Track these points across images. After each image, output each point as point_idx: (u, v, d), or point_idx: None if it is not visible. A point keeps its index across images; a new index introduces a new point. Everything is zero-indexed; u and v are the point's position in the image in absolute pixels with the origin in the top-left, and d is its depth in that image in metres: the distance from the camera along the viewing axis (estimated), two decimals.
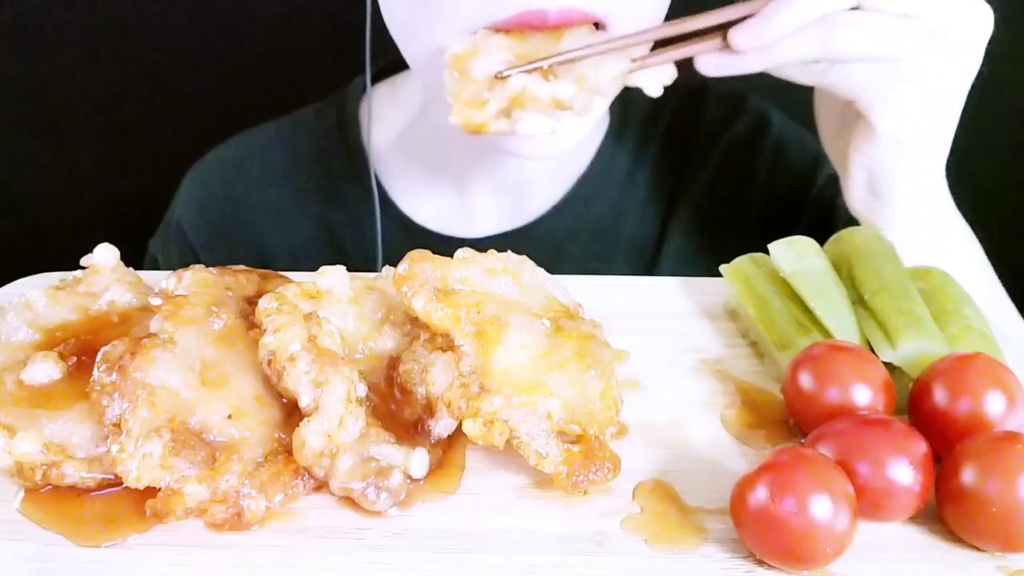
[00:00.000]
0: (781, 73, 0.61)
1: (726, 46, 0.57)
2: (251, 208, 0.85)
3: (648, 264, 0.81)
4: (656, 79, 0.59)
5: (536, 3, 0.57)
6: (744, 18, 0.56)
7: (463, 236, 0.81)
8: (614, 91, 0.58)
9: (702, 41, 0.58)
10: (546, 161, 0.77)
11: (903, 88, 0.59)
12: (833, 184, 0.79)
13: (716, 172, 0.82)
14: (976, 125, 0.66)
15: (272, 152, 0.86)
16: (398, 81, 0.85)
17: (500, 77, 0.56)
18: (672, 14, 0.62)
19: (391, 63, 0.83)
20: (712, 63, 0.58)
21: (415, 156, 0.82)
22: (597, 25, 0.60)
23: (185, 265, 0.85)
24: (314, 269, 0.52)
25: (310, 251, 0.84)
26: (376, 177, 0.81)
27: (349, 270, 0.52)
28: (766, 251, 0.57)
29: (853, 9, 0.56)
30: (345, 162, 0.83)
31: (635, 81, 0.58)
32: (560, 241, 0.81)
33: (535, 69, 0.56)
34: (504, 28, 0.59)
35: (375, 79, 0.85)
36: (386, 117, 0.84)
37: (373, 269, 0.52)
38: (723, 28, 0.57)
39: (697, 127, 0.84)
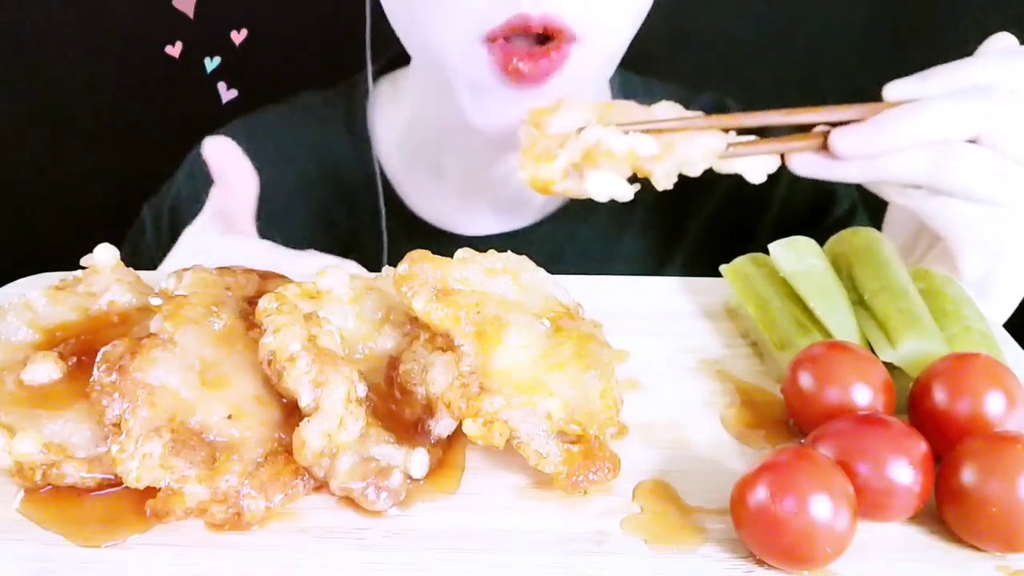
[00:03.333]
0: (875, 188, 0.58)
1: (825, 147, 0.54)
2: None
3: (651, 272, 0.81)
4: (760, 167, 0.56)
5: (520, 8, 0.58)
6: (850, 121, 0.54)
7: (464, 233, 0.81)
8: (703, 167, 0.55)
9: (802, 138, 0.55)
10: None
11: (1000, 236, 0.56)
12: (846, 221, 0.78)
13: (729, 196, 0.81)
14: None
15: (280, 135, 0.86)
16: (398, 77, 0.85)
17: (578, 131, 0.53)
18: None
19: (394, 57, 0.83)
20: (805, 163, 0.56)
21: (416, 155, 0.82)
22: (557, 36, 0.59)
23: (173, 237, 0.85)
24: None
25: (309, 235, 0.84)
26: (381, 168, 0.81)
27: (347, 257, 0.52)
28: (766, 252, 0.57)
29: (970, 142, 0.54)
30: (351, 151, 0.83)
31: (735, 167, 0.55)
32: (560, 247, 0.80)
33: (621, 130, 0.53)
34: (495, 35, 0.59)
35: (380, 73, 0.85)
36: (388, 113, 0.84)
37: (370, 257, 0.52)
38: (827, 128, 0.54)
39: None
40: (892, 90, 0.56)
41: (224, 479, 0.42)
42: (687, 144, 0.54)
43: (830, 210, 0.80)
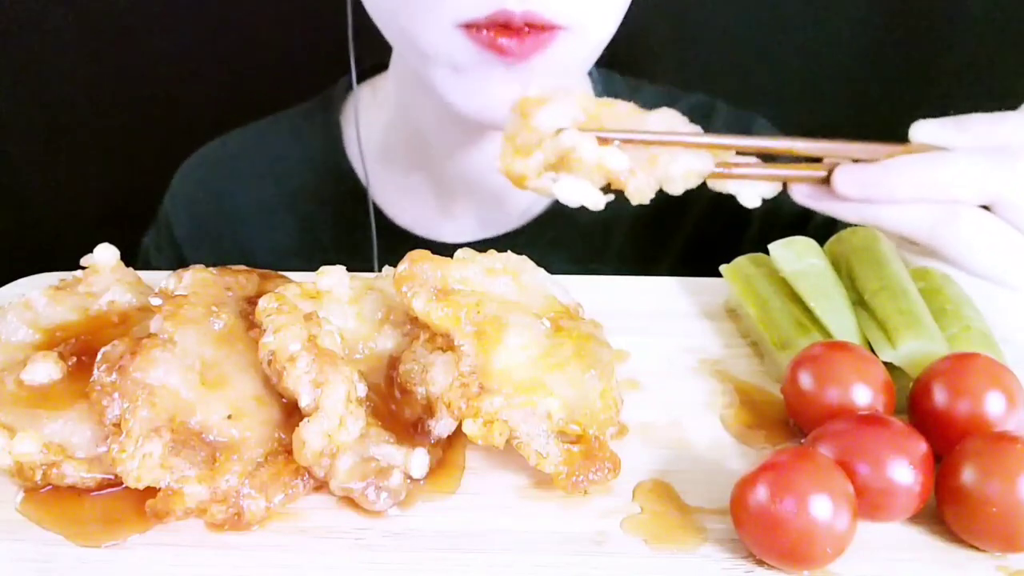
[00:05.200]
0: (874, 230, 0.56)
1: (827, 181, 0.53)
2: (237, 205, 0.85)
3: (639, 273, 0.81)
4: (755, 191, 0.54)
5: (503, 4, 0.57)
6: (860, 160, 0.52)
7: (447, 241, 0.81)
8: (683, 187, 0.53)
9: (807, 167, 0.54)
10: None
11: (1003, 315, 0.52)
12: (829, 226, 0.78)
13: (717, 198, 0.81)
14: None
15: (259, 151, 0.86)
16: (378, 82, 0.85)
17: (557, 132, 0.52)
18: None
19: (379, 64, 0.83)
20: (806, 192, 0.54)
21: (396, 158, 0.82)
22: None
23: (174, 259, 0.86)
24: (296, 268, 0.52)
25: (293, 250, 0.84)
26: (363, 179, 0.81)
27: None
28: (766, 252, 0.57)
29: (984, 208, 0.50)
30: (330, 163, 0.83)
31: (729, 188, 0.54)
32: (544, 252, 0.80)
33: (604, 138, 0.52)
34: (476, 26, 0.59)
35: (363, 78, 0.85)
36: (368, 119, 0.83)
37: (356, 271, 0.52)
38: (837, 161, 0.53)
39: None
40: (919, 131, 0.52)
41: (224, 479, 0.42)
42: (670, 161, 0.52)
43: (812, 215, 0.80)
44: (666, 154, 0.52)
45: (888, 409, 0.45)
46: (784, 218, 0.80)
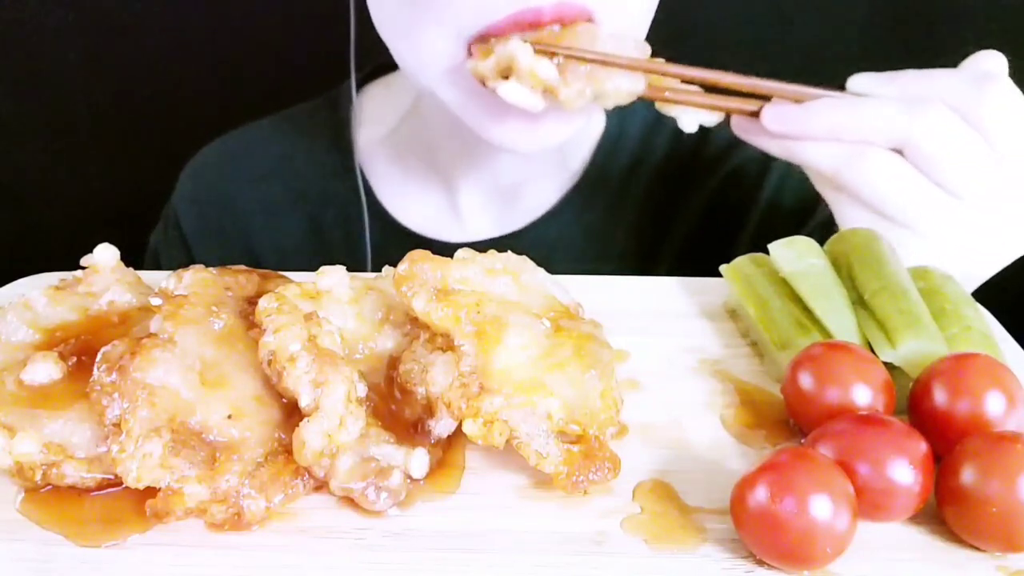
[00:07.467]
0: (804, 169, 0.59)
1: (757, 116, 0.57)
2: (243, 204, 0.85)
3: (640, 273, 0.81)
4: (695, 118, 0.60)
5: (531, 1, 0.57)
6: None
7: (450, 240, 0.81)
8: (614, 103, 0.58)
9: (744, 101, 0.59)
10: (521, 154, 0.74)
11: (909, 250, 0.54)
12: (829, 224, 0.78)
13: (718, 194, 0.81)
14: None
15: (265, 149, 0.86)
16: (392, 80, 0.85)
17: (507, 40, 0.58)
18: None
19: (386, 62, 0.83)
20: (740, 125, 0.58)
21: (405, 154, 0.82)
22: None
23: (182, 256, 0.86)
24: (302, 266, 0.52)
25: (299, 248, 0.84)
26: (365, 178, 0.81)
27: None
28: (766, 252, 0.57)
29: (896, 151, 0.53)
30: (337, 162, 0.83)
31: (672, 111, 0.59)
32: (549, 250, 0.80)
33: (548, 52, 0.57)
34: (498, 31, 0.59)
35: (370, 77, 0.85)
36: (379, 115, 0.83)
37: (362, 269, 0.52)
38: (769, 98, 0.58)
39: (704, 144, 0.82)
40: (854, 82, 0.57)
41: (224, 479, 0.42)
42: (605, 78, 0.58)
43: (814, 212, 0.80)
44: (603, 72, 0.58)
45: (888, 409, 0.45)
46: (783, 217, 0.80)
